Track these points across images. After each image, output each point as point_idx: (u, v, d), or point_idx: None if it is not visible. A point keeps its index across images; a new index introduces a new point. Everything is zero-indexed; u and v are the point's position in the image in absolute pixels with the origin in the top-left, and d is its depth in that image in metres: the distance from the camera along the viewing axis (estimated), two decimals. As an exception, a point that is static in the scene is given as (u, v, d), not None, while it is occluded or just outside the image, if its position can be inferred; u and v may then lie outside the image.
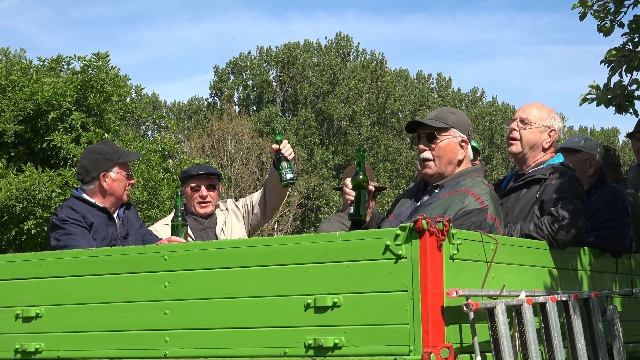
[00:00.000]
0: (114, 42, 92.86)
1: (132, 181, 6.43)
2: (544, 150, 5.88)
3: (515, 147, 5.90)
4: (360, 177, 5.46)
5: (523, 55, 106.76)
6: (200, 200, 7.04)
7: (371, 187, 5.67)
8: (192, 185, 7.06)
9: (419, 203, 5.42)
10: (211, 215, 7.08)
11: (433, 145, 5.42)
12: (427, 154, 5.42)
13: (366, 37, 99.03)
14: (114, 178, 6.32)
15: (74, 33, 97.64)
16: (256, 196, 7.12)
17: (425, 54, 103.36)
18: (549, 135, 5.88)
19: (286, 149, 6.56)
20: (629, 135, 8.02)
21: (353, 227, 5.53)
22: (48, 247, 6.20)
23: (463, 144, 5.47)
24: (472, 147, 7.43)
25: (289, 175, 6.55)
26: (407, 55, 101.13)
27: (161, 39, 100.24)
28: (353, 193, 5.50)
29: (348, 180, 5.57)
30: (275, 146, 6.56)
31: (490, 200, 5.22)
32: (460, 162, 5.47)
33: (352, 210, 5.49)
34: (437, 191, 5.40)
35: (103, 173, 6.31)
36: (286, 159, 6.55)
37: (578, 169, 6.16)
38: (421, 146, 5.44)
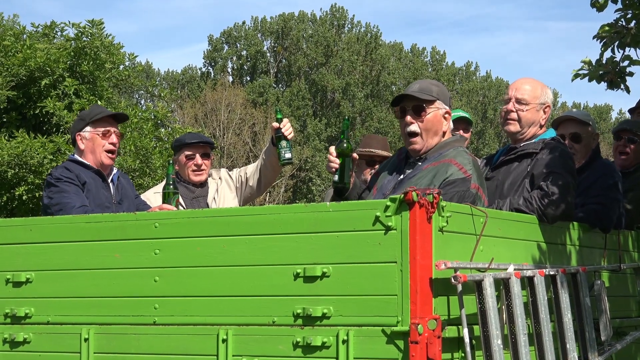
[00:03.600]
0: (109, 10, 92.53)
1: (109, 139, 6.41)
2: (541, 127, 5.95)
3: (514, 127, 5.93)
4: (344, 145, 5.49)
5: (521, 30, 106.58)
6: (195, 168, 7.01)
7: (355, 155, 5.67)
8: (187, 153, 7.02)
9: (401, 176, 5.42)
10: (204, 184, 7.07)
11: (421, 118, 5.42)
12: (414, 127, 5.41)
13: (362, 9, 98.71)
14: (88, 137, 6.39)
15: (69, 0, 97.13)
16: (251, 168, 7.08)
17: (422, 28, 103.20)
18: (544, 112, 5.95)
19: (286, 127, 6.50)
20: (631, 111, 7.97)
21: (336, 194, 5.56)
22: (41, 205, 6.32)
23: (447, 115, 5.48)
24: (464, 117, 7.46)
25: (288, 155, 6.50)
26: (403, 29, 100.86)
27: (156, 8, 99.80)
28: (337, 161, 5.52)
29: (332, 148, 5.57)
30: (275, 124, 6.52)
31: (473, 170, 5.23)
32: (444, 134, 5.47)
33: (336, 177, 5.51)
34: (420, 163, 5.40)
35: (78, 133, 6.41)
36: (285, 138, 6.49)
37: (585, 142, 6.32)
38: (409, 118, 5.43)
